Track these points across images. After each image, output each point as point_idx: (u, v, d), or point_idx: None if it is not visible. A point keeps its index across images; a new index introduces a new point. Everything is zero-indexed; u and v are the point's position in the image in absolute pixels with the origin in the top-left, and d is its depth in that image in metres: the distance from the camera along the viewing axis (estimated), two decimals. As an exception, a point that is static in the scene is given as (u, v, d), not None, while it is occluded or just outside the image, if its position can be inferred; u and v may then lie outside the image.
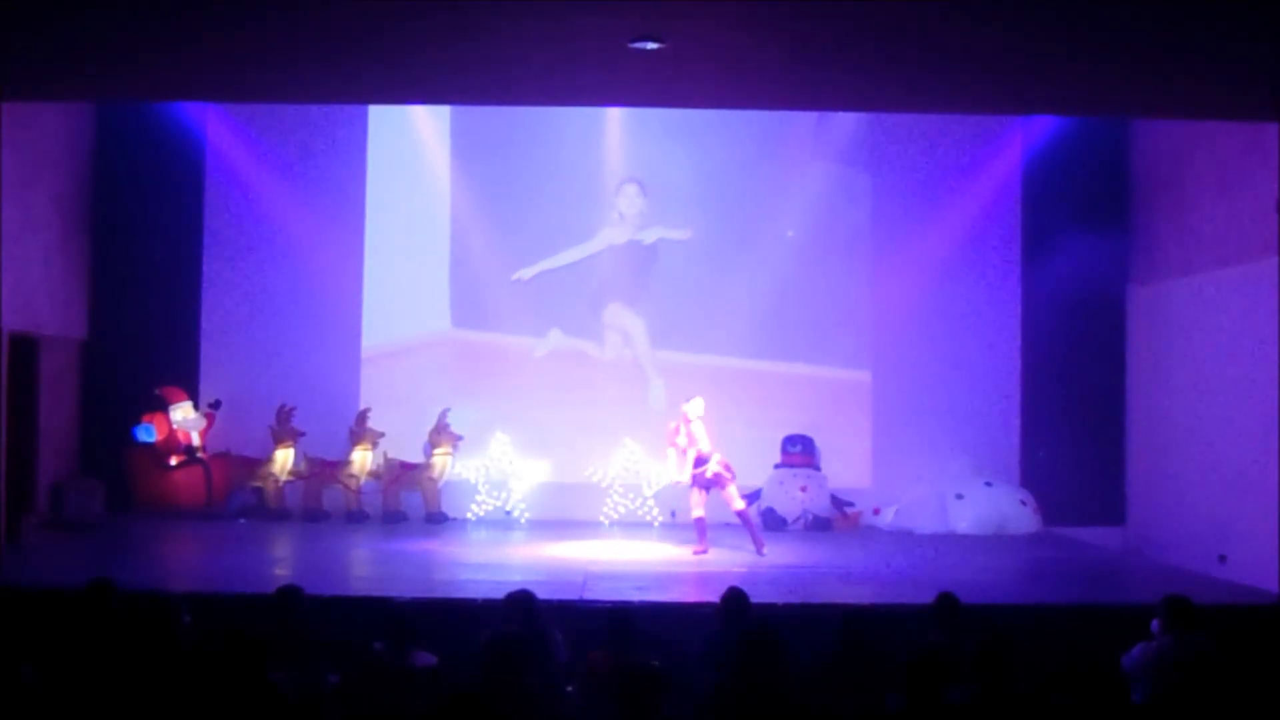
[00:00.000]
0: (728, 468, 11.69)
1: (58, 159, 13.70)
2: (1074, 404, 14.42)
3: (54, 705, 5.78)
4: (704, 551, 11.63)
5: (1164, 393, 13.39)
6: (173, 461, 13.93)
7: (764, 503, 13.95)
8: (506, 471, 14.21)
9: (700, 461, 11.68)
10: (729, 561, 11.30)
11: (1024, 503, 14.11)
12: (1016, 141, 14.80)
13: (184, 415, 14.07)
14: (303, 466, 14.24)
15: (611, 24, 7.70)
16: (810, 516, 14.02)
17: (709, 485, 11.72)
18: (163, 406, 14.02)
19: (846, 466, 14.67)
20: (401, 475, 14.28)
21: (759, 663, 5.75)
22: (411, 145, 14.99)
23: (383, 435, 14.22)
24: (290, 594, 6.92)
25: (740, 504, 11.82)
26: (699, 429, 11.74)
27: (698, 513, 11.73)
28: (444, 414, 14.27)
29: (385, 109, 14.55)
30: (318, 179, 14.79)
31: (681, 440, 11.74)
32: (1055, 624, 8.70)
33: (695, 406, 11.83)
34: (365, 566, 11.28)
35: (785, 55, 8.50)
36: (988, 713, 5.58)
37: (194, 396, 14.33)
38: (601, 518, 13.97)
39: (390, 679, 6.24)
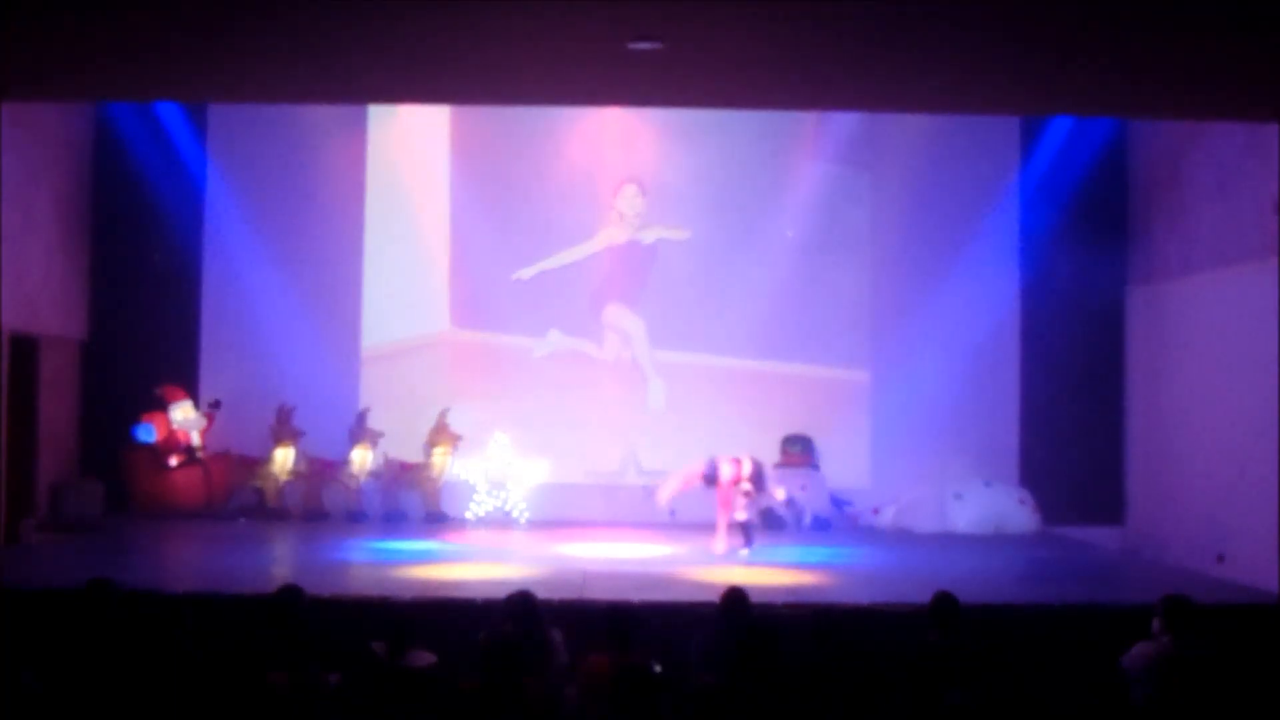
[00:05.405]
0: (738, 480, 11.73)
1: (58, 159, 13.71)
2: (1073, 403, 14.44)
3: (55, 709, 5.78)
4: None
5: (1163, 393, 13.39)
6: (172, 462, 13.93)
7: (763, 503, 13.94)
8: (506, 471, 14.22)
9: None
10: (729, 561, 11.30)
11: (1023, 502, 14.12)
12: (1016, 142, 14.81)
13: (184, 415, 14.07)
14: (302, 466, 14.23)
15: (611, 24, 7.71)
16: (810, 516, 14.02)
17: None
18: (162, 406, 14.02)
19: (845, 466, 14.68)
20: (401, 475, 14.29)
21: (758, 663, 5.76)
22: (411, 145, 15.00)
23: (382, 435, 14.24)
24: (290, 594, 6.92)
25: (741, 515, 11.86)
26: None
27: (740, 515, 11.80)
28: (443, 414, 14.28)
29: (385, 109, 14.56)
30: (317, 179, 14.79)
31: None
32: (1054, 624, 8.71)
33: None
34: (365, 566, 11.27)
35: (785, 55, 8.50)
36: (988, 714, 5.59)
37: (194, 396, 14.34)
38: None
39: (389, 679, 6.25)
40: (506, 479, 14.23)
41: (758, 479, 11.79)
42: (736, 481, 11.66)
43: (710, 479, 11.58)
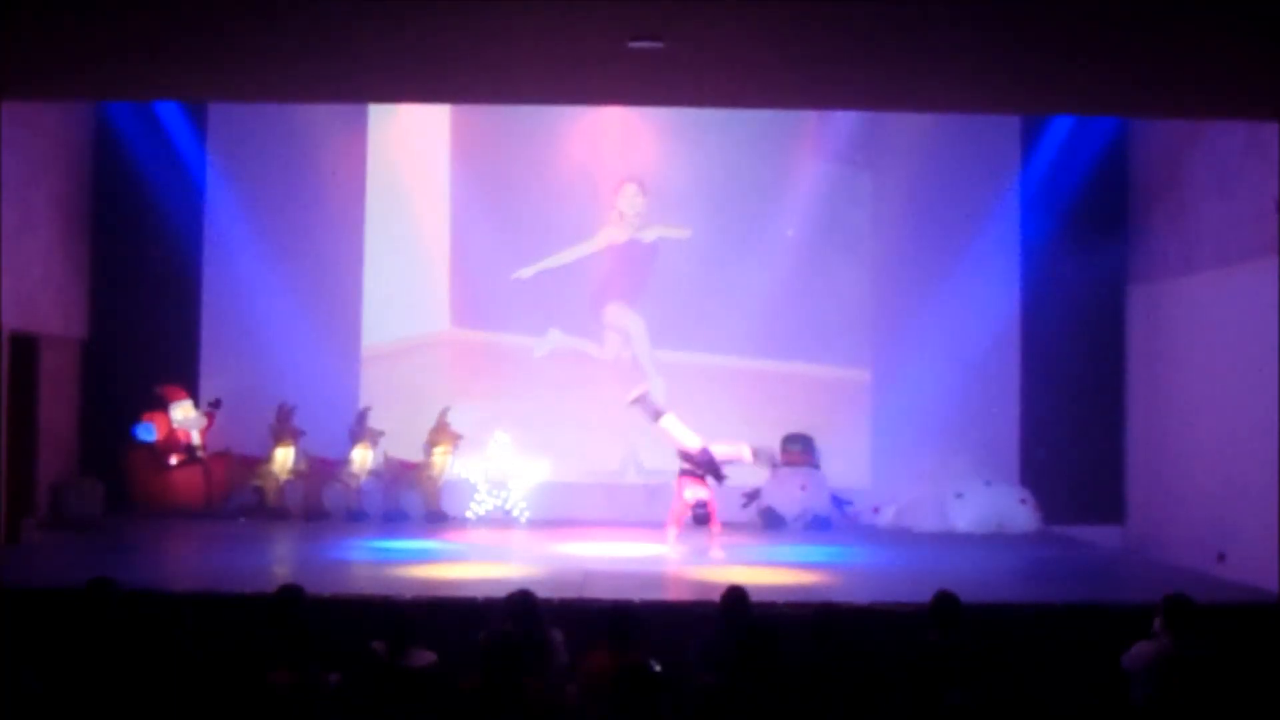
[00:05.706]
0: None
1: (58, 159, 13.70)
2: (1074, 403, 14.43)
3: (55, 709, 5.79)
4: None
5: (1163, 392, 13.39)
6: (173, 461, 13.93)
7: (764, 501, 13.95)
8: (506, 471, 14.22)
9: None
10: (729, 561, 11.30)
11: (1023, 501, 14.12)
12: (1016, 141, 14.81)
13: (184, 414, 14.06)
14: (303, 465, 14.23)
15: (612, 23, 7.72)
16: (810, 515, 14.03)
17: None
18: (163, 405, 14.01)
19: (846, 465, 14.67)
20: (401, 474, 14.30)
21: (758, 663, 5.76)
22: (412, 144, 14.99)
23: (383, 434, 14.24)
24: (290, 593, 6.92)
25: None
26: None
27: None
28: (444, 413, 14.29)
29: (385, 108, 14.56)
30: (318, 178, 14.79)
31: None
32: (1054, 624, 8.71)
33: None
34: (365, 566, 11.28)
35: (785, 55, 8.50)
36: (988, 714, 5.59)
37: (194, 396, 14.34)
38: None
39: (390, 678, 6.25)
40: (507, 478, 14.23)
41: (715, 473, 11.73)
42: (704, 484, 11.66)
43: (701, 519, 11.57)
